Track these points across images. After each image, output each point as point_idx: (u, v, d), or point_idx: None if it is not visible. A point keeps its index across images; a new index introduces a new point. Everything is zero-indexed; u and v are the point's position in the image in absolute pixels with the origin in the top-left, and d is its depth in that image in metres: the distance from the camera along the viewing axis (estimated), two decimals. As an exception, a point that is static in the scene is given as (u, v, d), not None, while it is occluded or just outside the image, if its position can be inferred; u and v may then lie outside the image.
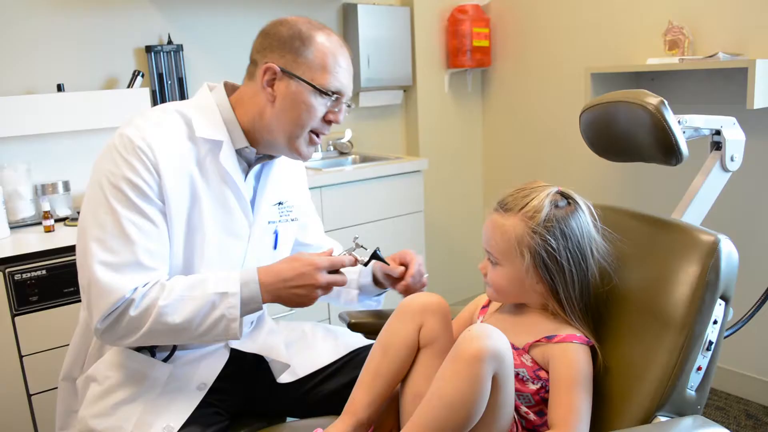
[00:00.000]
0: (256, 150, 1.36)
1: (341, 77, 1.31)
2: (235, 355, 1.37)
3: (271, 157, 1.40)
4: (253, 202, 1.38)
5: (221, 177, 1.31)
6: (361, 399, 1.13)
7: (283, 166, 1.46)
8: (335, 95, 1.30)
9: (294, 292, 1.25)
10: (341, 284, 1.29)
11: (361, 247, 1.35)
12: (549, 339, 1.12)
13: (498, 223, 1.15)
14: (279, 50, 1.29)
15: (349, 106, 1.38)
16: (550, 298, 1.15)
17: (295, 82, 1.27)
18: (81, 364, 1.38)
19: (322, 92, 1.28)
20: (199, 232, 1.28)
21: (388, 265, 1.42)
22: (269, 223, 1.42)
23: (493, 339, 1.01)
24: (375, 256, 1.35)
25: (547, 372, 1.12)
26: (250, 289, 1.23)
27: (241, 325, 1.23)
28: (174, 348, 1.30)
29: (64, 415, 1.42)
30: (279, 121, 1.30)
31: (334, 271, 1.29)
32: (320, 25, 1.33)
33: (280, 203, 1.45)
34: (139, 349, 1.29)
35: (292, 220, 1.48)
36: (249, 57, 1.35)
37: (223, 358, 1.35)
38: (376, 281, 1.52)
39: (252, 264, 1.35)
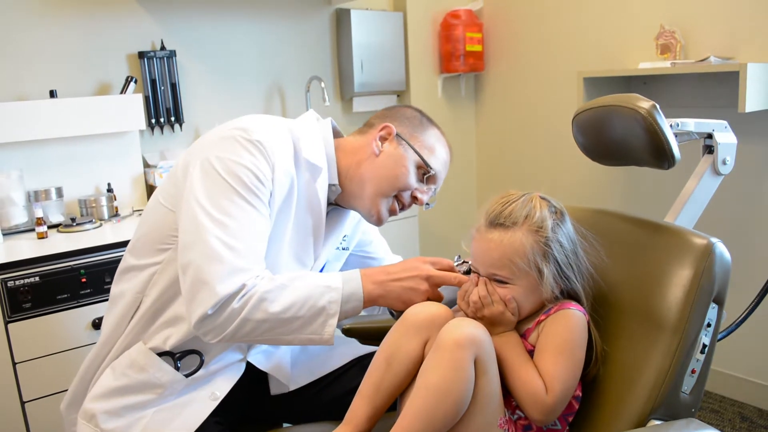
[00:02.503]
0: (338, 196, 1.39)
1: (440, 167, 1.40)
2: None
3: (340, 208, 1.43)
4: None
5: (309, 203, 1.32)
6: (362, 411, 1.12)
7: None
8: (431, 174, 1.37)
9: (401, 284, 1.23)
10: (449, 282, 1.25)
11: (464, 261, 1.30)
12: (546, 314, 1.13)
13: (505, 240, 1.12)
14: (400, 120, 1.40)
15: (428, 204, 1.43)
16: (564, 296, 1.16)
17: (404, 147, 1.36)
18: (111, 347, 1.32)
19: (423, 165, 1.36)
20: (274, 249, 1.27)
21: None
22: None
23: (470, 327, 1.06)
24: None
25: None
26: (351, 286, 1.22)
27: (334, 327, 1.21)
28: (200, 365, 1.28)
29: (77, 392, 1.37)
30: (374, 174, 1.35)
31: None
32: (437, 124, 1.44)
33: (345, 236, 1.49)
34: (161, 356, 1.27)
35: (344, 249, 1.51)
36: (366, 122, 1.45)
37: (239, 371, 1.33)
38: None
39: None
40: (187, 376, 1.27)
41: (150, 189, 2.66)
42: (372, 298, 1.23)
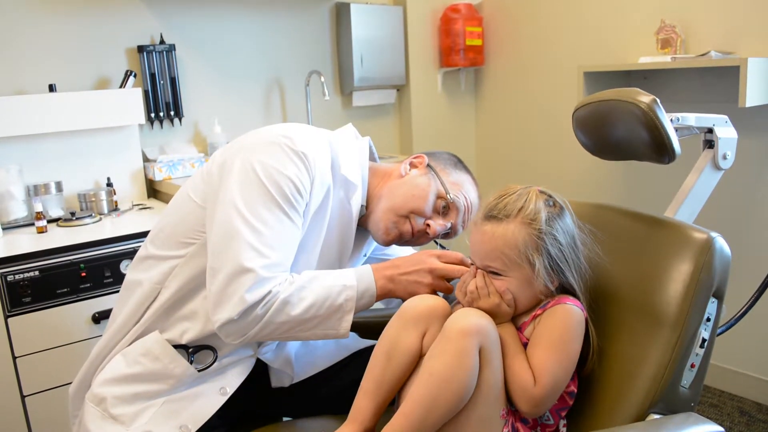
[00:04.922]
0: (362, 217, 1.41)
1: (462, 204, 1.39)
2: None
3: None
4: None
5: (341, 219, 1.33)
6: (366, 407, 1.12)
7: None
8: (449, 204, 1.37)
9: (406, 278, 1.26)
10: (451, 274, 1.26)
11: None
12: (543, 308, 1.13)
13: (497, 232, 1.11)
14: (435, 156, 1.44)
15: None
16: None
17: (431, 177, 1.38)
18: (123, 335, 1.32)
19: (444, 194, 1.36)
20: (302, 260, 1.28)
21: None
22: None
23: (476, 317, 1.07)
24: None
25: None
26: (365, 281, 1.24)
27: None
28: (214, 361, 1.29)
29: (85, 377, 1.37)
30: (392, 191, 1.37)
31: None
32: (472, 174, 1.47)
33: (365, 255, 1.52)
34: (176, 348, 1.28)
35: (364, 255, 1.52)
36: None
37: (249, 365, 1.34)
38: None
39: None
40: (200, 370, 1.28)
41: (149, 183, 2.66)
42: (384, 292, 1.26)
